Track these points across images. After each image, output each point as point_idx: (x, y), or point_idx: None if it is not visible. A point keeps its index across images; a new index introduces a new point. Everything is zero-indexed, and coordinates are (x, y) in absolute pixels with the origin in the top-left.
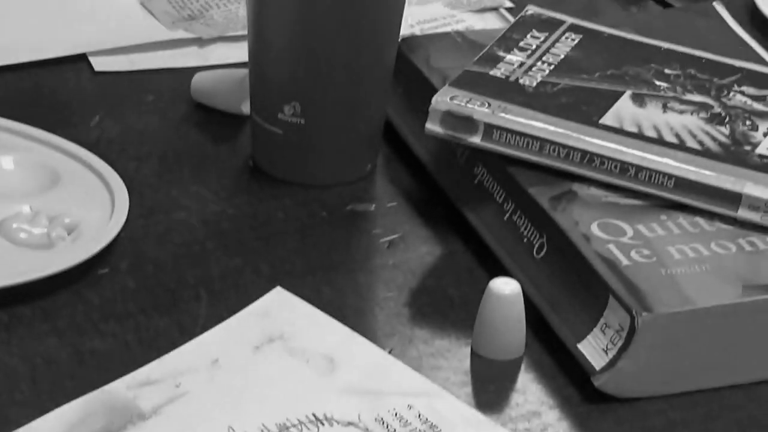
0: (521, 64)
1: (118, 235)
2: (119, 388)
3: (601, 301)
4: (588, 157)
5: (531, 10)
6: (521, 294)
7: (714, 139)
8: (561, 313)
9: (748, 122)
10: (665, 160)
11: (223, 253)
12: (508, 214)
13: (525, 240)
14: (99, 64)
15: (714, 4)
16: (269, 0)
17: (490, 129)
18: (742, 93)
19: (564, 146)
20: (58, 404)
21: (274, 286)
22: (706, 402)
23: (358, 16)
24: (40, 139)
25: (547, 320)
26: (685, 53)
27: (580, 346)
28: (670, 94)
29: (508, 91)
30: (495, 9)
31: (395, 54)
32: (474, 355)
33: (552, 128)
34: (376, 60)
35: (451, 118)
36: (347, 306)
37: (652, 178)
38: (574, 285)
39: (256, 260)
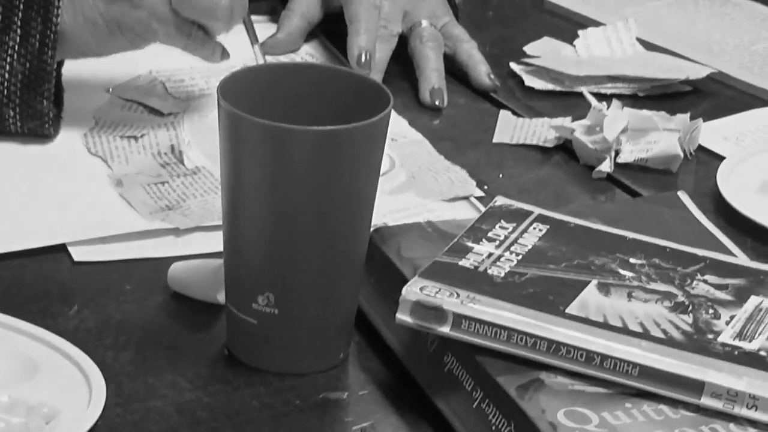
0: (489, 255)
1: (96, 424)
2: None
3: None
4: (554, 347)
5: (500, 201)
6: None
7: (677, 327)
8: None
9: (710, 311)
10: (630, 348)
11: None
12: (477, 402)
13: (493, 427)
14: (78, 254)
15: (679, 193)
16: (243, 193)
17: (458, 319)
18: (705, 282)
19: (531, 336)
20: None
21: None
22: None
23: (330, 209)
24: (19, 328)
25: None
26: (650, 243)
27: None
28: (635, 283)
29: (477, 281)
30: (466, 198)
31: (367, 245)
32: None
33: (519, 318)
34: (348, 251)
35: (420, 308)
36: None
37: (617, 367)
38: None
39: None
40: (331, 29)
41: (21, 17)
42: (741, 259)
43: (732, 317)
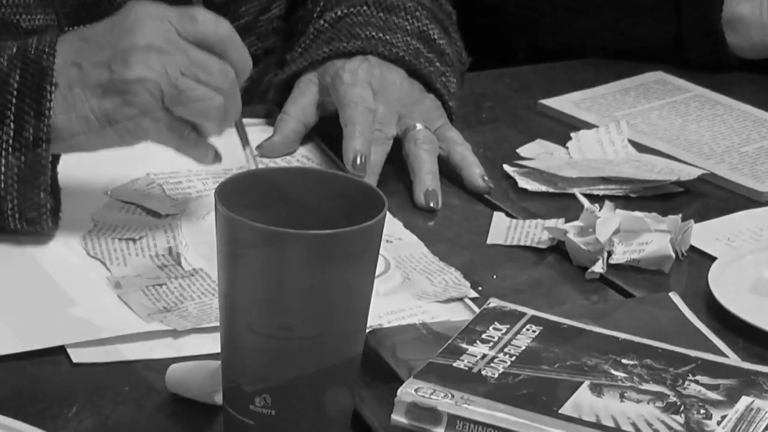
0: (483, 356)
1: None
2: None
3: None
4: None
5: (493, 302)
6: None
7: (669, 428)
8: None
9: (702, 411)
10: None
11: None
12: None
13: None
14: (77, 355)
15: (670, 294)
16: (239, 296)
17: (453, 420)
18: (697, 382)
19: None
20: None
21: None
22: None
23: (326, 311)
24: (18, 430)
25: None
26: (642, 343)
27: None
28: (627, 383)
29: (471, 382)
30: (460, 299)
31: (362, 346)
32: None
33: (513, 419)
34: (344, 353)
35: (416, 409)
36: None
37: None
38: None
39: None
40: (327, 132)
41: (14, 111)
42: (732, 359)
43: (723, 417)
